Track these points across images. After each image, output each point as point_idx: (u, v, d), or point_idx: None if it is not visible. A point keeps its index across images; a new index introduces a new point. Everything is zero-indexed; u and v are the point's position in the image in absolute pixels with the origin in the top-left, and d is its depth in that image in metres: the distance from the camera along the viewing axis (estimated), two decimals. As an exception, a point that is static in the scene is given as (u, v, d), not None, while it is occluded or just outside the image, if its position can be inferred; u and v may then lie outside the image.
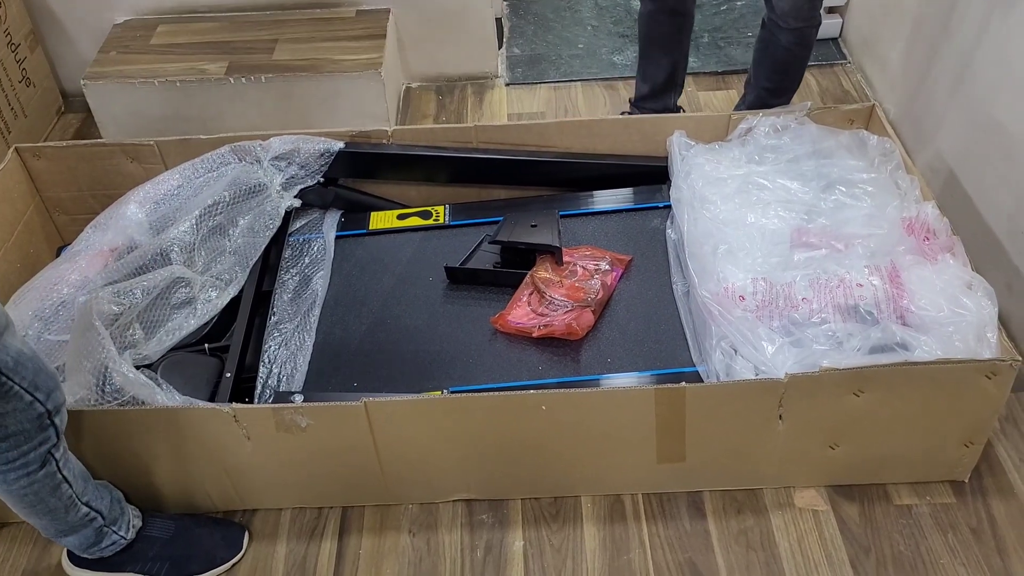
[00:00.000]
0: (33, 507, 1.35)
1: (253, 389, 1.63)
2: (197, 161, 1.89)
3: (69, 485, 1.36)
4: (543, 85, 2.71)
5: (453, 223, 1.96)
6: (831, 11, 2.71)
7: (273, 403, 1.58)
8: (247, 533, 1.59)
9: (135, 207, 1.83)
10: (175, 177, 1.88)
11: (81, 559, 1.50)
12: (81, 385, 1.46)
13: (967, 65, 1.94)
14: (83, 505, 1.39)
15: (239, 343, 1.68)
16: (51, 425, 1.28)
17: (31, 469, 1.29)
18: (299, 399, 1.56)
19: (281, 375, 1.68)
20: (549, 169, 1.99)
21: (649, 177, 1.96)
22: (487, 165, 1.98)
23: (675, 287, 1.74)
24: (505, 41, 2.89)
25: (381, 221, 1.98)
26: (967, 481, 1.61)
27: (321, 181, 1.95)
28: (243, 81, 2.36)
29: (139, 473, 1.54)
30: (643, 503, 1.61)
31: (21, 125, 2.47)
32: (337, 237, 1.95)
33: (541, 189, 2.04)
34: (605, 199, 1.96)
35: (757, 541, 1.54)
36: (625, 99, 2.57)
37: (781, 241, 1.69)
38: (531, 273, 1.75)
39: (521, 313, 1.70)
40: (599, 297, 1.71)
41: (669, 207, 1.86)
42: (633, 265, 1.82)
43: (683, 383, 1.43)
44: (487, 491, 1.61)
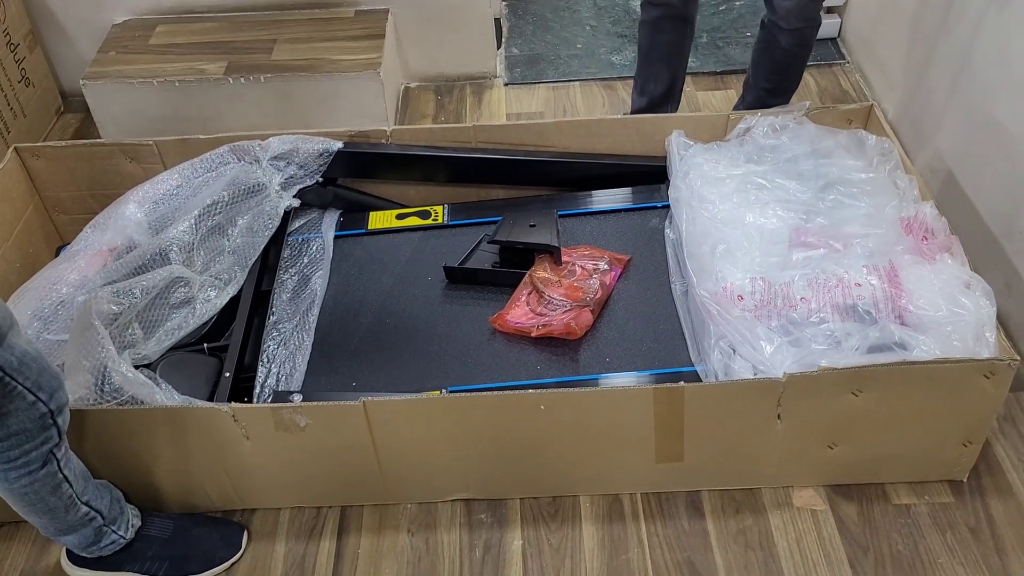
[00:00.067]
0: (33, 506, 1.35)
1: (252, 389, 1.63)
2: (196, 161, 1.90)
3: (69, 484, 1.36)
4: (542, 85, 2.71)
5: (452, 223, 1.96)
6: (830, 11, 2.71)
7: (272, 403, 1.58)
8: (246, 532, 1.59)
9: (134, 207, 1.84)
10: (174, 177, 1.88)
11: (80, 558, 1.50)
12: (80, 384, 1.46)
13: (965, 65, 1.94)
14: (83, 504, 1.39)
15: (238, 343, 1.69)
16: (53, 425, 1.28)
17: (32, 468, 1.29)
18: (298, 399, 1.56)
19: (280, 375, 1.68)
20: (548, 169, 1.99)
21: (648, 177, 1.96)
22: (486, 165, 1.98)
23: (674, 287, 1.74)
24: (504, 41, 2.89)
25: (380, 221, 1.98)
26: (965, 481, 1.61)
27: (320, 181, 1.95)
28: (242, 81, 2.36)
29: (138, 472, 1.54)
30: (642, 502, 1.61)
31: (20, 125, 2.47)
32: (336, 237, 1.95)
33: (540, 189, 2.04)
34: (604, 199, 1.96)
35: (756, 541, 1.54)
36: (624, 99, 2.57)
37: (779, 241, 1.69)
38: (530, 273, 1.75)
39: (520, 313, 1.70)
40: (598, 297, 1.71)
41: (668, 207, 1.86)
42: (632, 265, 1.82)
43: (682, 383, 1.44)
44: (486, 491, 1.61)
